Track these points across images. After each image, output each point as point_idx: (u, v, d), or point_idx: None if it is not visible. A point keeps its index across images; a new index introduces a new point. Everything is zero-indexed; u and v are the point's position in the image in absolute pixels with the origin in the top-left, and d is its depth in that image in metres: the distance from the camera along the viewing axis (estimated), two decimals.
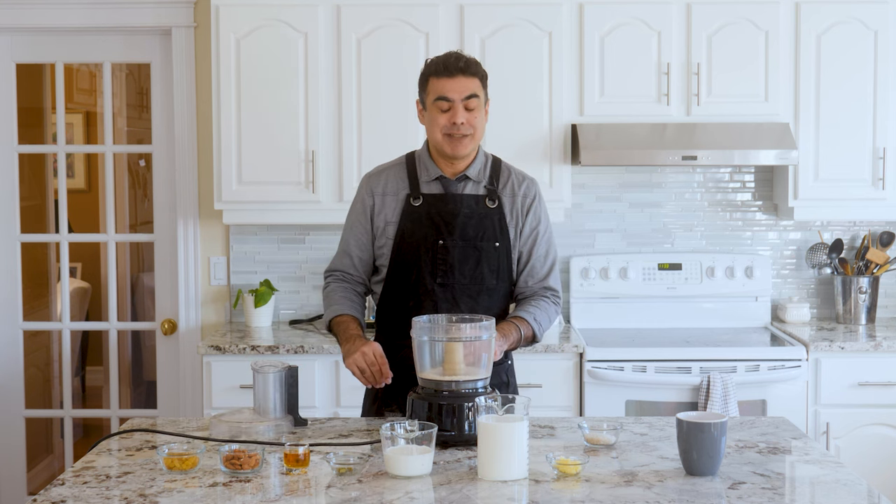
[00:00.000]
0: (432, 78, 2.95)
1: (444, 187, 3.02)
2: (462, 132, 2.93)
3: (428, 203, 2.99)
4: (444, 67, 2.93)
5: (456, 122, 2.92)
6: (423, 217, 2.98)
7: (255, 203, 4.41)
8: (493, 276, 3.00)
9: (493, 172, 3.06)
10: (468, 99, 2.93)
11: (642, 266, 4.69)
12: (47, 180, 5.43)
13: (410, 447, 2.41)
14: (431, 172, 3.02)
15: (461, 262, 2.97)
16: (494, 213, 3.01)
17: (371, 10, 4.36)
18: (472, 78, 2.94)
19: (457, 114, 2.92)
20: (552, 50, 4.37)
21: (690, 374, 4.13)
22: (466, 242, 2.98)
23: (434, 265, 2.97)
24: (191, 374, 4.72)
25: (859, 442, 4.19)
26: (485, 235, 2.99)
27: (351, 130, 4.39)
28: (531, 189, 3.09)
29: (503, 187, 3.05)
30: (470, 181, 3.03)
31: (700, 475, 2.41)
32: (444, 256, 2.97)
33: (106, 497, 2.29)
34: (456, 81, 2.92)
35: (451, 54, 2.97)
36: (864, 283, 4.61)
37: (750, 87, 4.41)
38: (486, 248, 2.99)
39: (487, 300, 3.01)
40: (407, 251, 2.98)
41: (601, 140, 4.33)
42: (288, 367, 2.82)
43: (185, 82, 4.68)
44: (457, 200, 3.00)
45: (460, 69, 2.92)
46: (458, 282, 2.98)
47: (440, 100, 2.93)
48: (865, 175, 4.45)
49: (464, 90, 2.92)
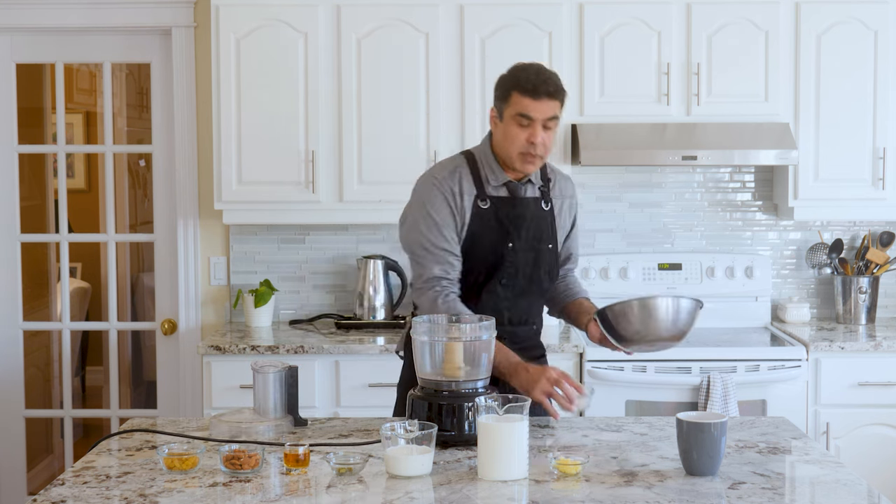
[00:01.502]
0: (517, 93, 2.91)
1: (510, 191, 3.02)
2: (538, 153, 2.93)
3: (496, 206, 3.00)
4: (534, 88, 2.89)
5: (535, 141, 2.91)
6: (492, 220, 2.98)
7: (255, 203, 4.41)
8: (547, 277, 3.07)
9: (543, 174, 3.11)
10: (549, 120, 2.93)
11: (642, 266, 4.69)
12: (47, 180, 5.43)
13: (410, 447, 2.41)
14: (500, 177, 3.01)
15: (524, 264, 3.01)
16: (548, 216, 3.08)
17: (371, 10, 4.36)
18: (556, 101, 2.93)
19: (536, 134, 2.90)
20: (552, 50, 4.37)
21: (690, 374, 4.13)
22: (530, 245, 3.02)
23: (501, 267, 2.99)
24: (191, 374, 4.72)
25: (859, 442, 4.19)
26: (543, 237, 3.05)
27: (351, 130, 4.39)
28: (574, 190, 3.20)
29: (553, 189, 3.11)
30: (530, 184, 3.06)
31: (700, 475, 2.41)
32: (513, 259, 3.00)
33: (106, 497, 2.29)
34: (541, 103, 2.90)
35: (541, 74, 2.92)
36: (864, 283, 4.61)
37: (750, 87, 4.41)
38: (543, 251, 3.05)
39: (540, 300, 3.11)
40: (476, 253, 2.98)
41: (601, 140, 4.33)
42: (288, 367, 2.82)
43: (185, 82, 4.68)
44: (523, 204, 3.03)
45: (548, 94, 2.90)
46: (520, 283, 3.02)
47: (522, 117, 2.91)
48: (865, 175, 4.45)
49: (547, 112, 2.91)
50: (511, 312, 3.01)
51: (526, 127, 2.91)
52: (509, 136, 2.94)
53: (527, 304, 3.05)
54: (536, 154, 2.94)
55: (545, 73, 2.94)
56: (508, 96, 2.94)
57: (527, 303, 3.05)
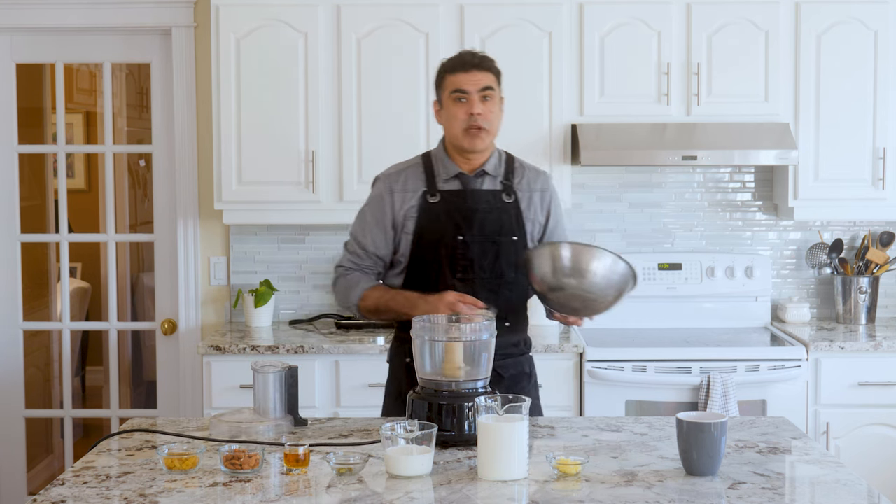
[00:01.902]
0: (448, 74, 3.02)
1: (462, 184, 3.06)
2: (479, 124, 2.97)
3: (446, 200, 3.03)
4: (461, 63, 3.00)
5: (473, 112, 2.97)
6: (441, 213, 3.01)
7: (255, 203, 4.41)
8: (511, 269, 3.04)
9: (508, 168, 3.11)
10: (484, 90, 2.98)
11: (642, 266, 4.68)
12: (47, 180, 5.43)
13: (410, 447, 2.41)
14: (450, 170, 3.06)
15: (480, 256, 3.01)
16: (511, 208, 3.06)
17: (371, 10, 4.36)
18: (487, 73, 3.01)
19: (474, 105, 2.97)
20: (552, 50, 4.37)
21: (690, 374, 4.13)
22: (485, 237, 3.02)
23: (454, 261, 3.00)
24: (191, 374, 4.72)
25: (859, 442, 4.19)
26: (503, 230, 3.04)
27: (351, 130, 4.39)
28: (548, 184, 3.17)
29: (518, 182, 3.10)
30: (487, 176, 3.08)
31: (700, 475, 2.41)
32: (464, 252, 3.01)
33: (106, 497, 2.29)
34: (471, 75, 2.98)
35: (466, 51, 3.06)
36: (864, 283, 4.61)
37: (750, 87, 4.41)
38: (505, 243, 3.03)
39: (507, 293, 3.06)
40: (426, 247, 3.01)
41: (601, 140, 4.33)
42: (288, 367, 2.82)
43: (185, 82, 4.68)
44: (475, 196, 3.04)
45: (475, 64, 2.99)
46: (478, 276, 3.01)
47: (457, 92, 2.98)
48: (865, 175, 4.45)
49: (479, 82, 2.98)
50: None
51: (464, 103, 2.98)
52: (451, 116, 3.01)
53: (490, 297, 3.00)
54: (480, 126, 2.98)
55: (472, 51, 3.07)
56: (442, 80, 3.04)
57: (490, 296, 3.01)
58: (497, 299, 3.02)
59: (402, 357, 3.09)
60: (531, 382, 3.18)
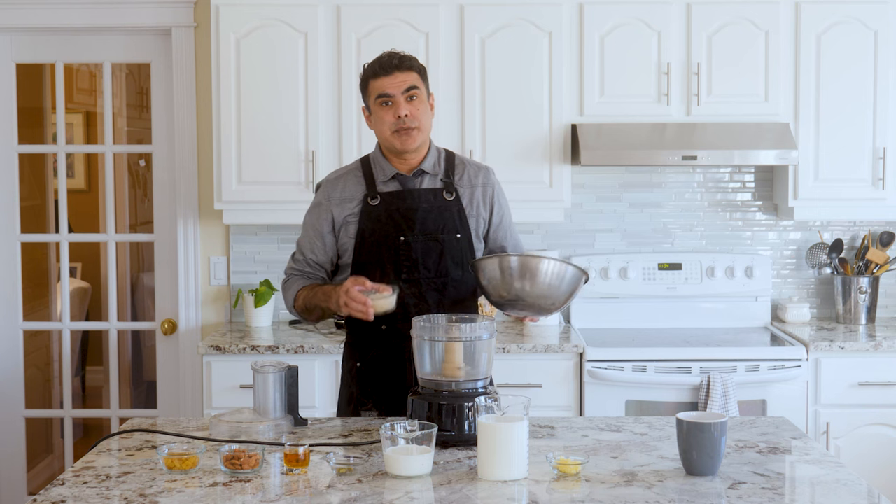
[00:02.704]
0: (371, 80, 3.00)
1: (401, 184, 3.04)
2: (408, 125, 2.96)
3: (386, 201, 3.01)
4: (381, 67, 2.98)
5: (400, 114, 2.95)
6: (382, 215, 3.00)
7: (255, 203, 4.41)
8: (457, 267, 3.02)
9: (448, 165, 3.09)
10: (408, 91, 2.96)
11: (642, 266, 4.69)
12: (47, 180, 5.43)
13: (410, 447, 2.41)
14: (387, 171, 3.04)
15: (424, 256, 2.99)
16: (453, 205, 3.04)
17: (371, 10, 4.37)
18: (409, 72, 2.98)
19: (399, 107, 2.96)
20: (552, 50, 4.37)
21: (690, 374, 4.13)
22: (428, 236, 3.00)
23: (398, 262, 2.98)
24: (191, 374, 4.72)
25: (859, 442, 4.19)
26: (445, 228, 3.02)
27: (351, 130, 4.39)
28: (489, 178, 3.13)
29: (459, 178, 3.08)
30: (427, 175, 3.06)
31: (700, 475, 2.41)
32: (407, 252, 2.99)
33: (106, 497, 2.29)
34: (393, 78, 2.96)
35: (386, 53, 3.01)
36: (864, 283, 4.61)
37: (750, 86, 4.41)
38: (448, 241, 3.01)
39: (454, 292, 3.03)
40: (369, 250, 3.00)
41: (601, 140, 4.33)
42: (288, 367, 2.82)
43: (185, 82, 4.68)
44: (415, 196, 3.02)
45: (395, 66, 2.96)
46: (424, 276, 2.99)
47: (381, 97, 2.97)
48: (865, 175, 4.45)
49: (402, 84, 2.96)
50: (419, 307, 2.96)
51: (390, 107, 2.97)
52: (379, 120, 3.00)
53: (437, 297, 2.99)
54: (409, 126, 2.97)
55: (391, 52, 3.02)
56: (367, 87, 3.02)
57: (437, 295, 3.00)
58: (444, 298, 3.01)
59: (353, 361, 3.09)
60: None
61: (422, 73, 3.02)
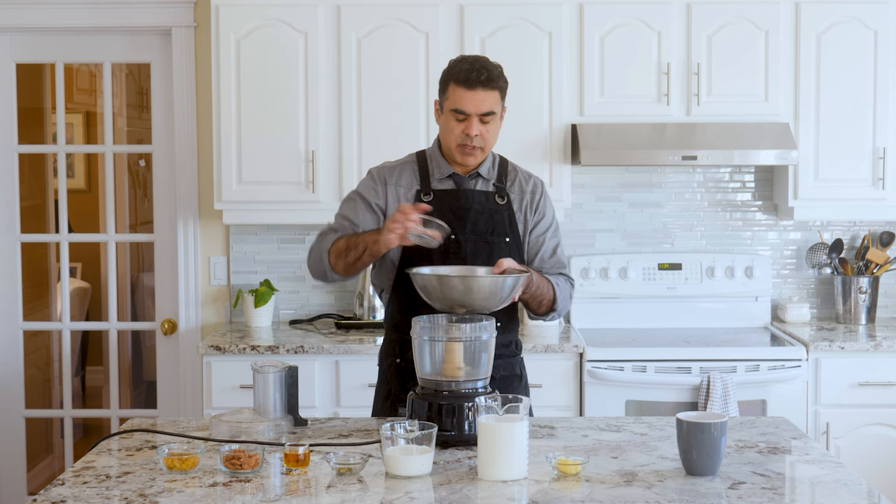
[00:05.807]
0: (452, 84, 2.97)
1: (456, 184, 3.06)
2: (475, 144, 2.97)
3: (439, 199, 3.03)
4: (466, 78, 2.94)
5: (470, 133, 2.96)
6: (434, 213, 2.99)
7: (255, 203, 4.41)
8: None
9: (501, 171, 3.12)
10: (484, 115, 2.96)
11: (642, 266, 4.69)
12: (47, 180, 5.43)
13: (410, 447, 2.41)
14: (444, 170, 3.06)
15: (473, 256, 3.01)
16: (504, 210, 3.07)
17: (371, 10, 4.36)
18: (493, 91, 2.96)
19: (471, 126, 2.96)
20: (552, 50, 4.37)
21: (690, 374, 4.13)
22: (478, 237, 3.02)
23: (447, 260, 2.99)
24: (191, 374, 4.72)
25: (859, 442, 4.19)
26: (496, 230, 3.04)
27: (351, 130, 4.39)
28: (538, 187, 3.15)
29: (511, 185, 3.11)
30: (481, 178, 3.08)
31: (700, 475, 2.41)
32: (457, 251, 3.00)
33: (106, 497, 2.29)
34: (475, 94, 2.94)
35: (476, 64, 2.96)
36: (864, 283, 4.61)
37: (750, 86, 4.41)
38: (498, 243, 3.04)
39: None
40: (419, 247, 2.98)
41: (601, 140, 4.33)
42: (288, 367, 2.82)
43: (185, 82, 4.68)
44: (468, 196, 3.04)
45: (481, 83, 2.93)
46: None
47: (456, 112, 2.96)
48: (865, 175, 4.45)
49: (481, 105, 2.94)
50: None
51: (462, 122, 2.96)
52: (447, 128, 3.00)
53: None
54: (475, 146, 2.97)
55: (481, 63, 2.97)
56: (446, 87, 3.00)
57: None
58: None
59: (393, 357, 3.08)
60: (522, 384, 3.16)
61: (503, 91, 2.99)
